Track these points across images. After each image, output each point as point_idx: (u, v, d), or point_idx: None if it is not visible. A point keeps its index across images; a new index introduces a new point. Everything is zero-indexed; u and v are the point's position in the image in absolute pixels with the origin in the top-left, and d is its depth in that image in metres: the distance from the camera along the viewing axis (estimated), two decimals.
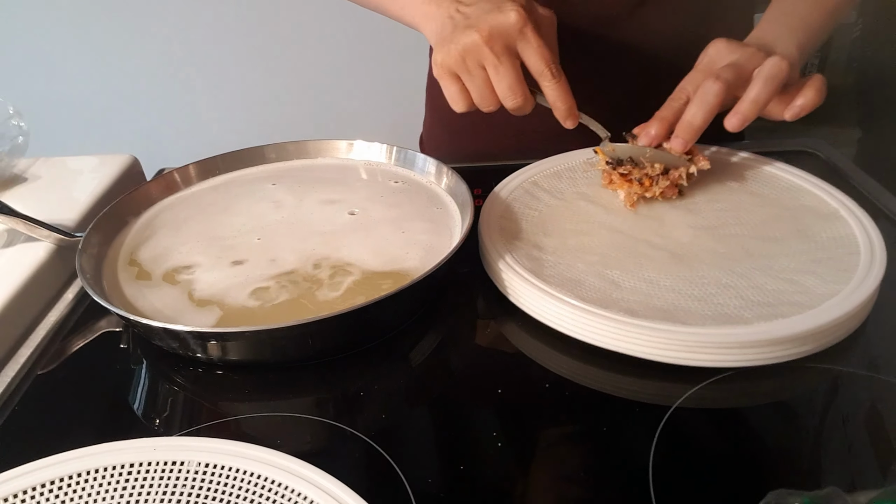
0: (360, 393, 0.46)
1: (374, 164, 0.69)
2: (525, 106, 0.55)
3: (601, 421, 0.43)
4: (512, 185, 0.63)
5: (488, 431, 0.43)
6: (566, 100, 0.55)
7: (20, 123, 0.71)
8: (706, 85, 0.54)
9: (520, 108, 0.55)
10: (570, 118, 0.57)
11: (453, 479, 0.39)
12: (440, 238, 0.56)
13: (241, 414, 0.45)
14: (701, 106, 0.54)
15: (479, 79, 0.54)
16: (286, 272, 0.53)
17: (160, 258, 0.56)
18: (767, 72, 0.53)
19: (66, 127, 1.55)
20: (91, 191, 0.67)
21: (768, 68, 0.53)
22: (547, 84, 0.55)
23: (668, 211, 0.59)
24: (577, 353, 0.48)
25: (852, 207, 0.56)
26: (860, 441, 0.41)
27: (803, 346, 0.45)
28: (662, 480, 0.38)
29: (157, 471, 0.36)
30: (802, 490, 0.34)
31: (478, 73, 0.54)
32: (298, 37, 1.54)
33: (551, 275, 0.51)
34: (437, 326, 0.52)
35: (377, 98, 1.60)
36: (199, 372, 0.48)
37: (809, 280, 0.49)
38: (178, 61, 1.55)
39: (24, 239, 0.58)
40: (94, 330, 0.53)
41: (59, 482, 0.36)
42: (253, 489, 0.35)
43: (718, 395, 0.44)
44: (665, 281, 0.50)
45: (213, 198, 0.65)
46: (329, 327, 0.46)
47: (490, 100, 0.55)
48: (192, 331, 0.45)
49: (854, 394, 0.45)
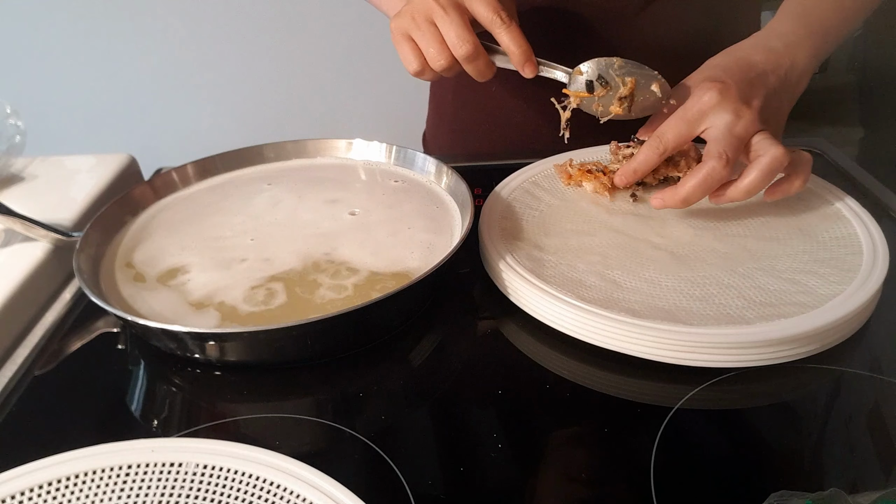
0: (359, 394, 0.46)
1: (373, 163, 0.69)
2: (478, 58, 0.55)
3: (602, 422, 0.42)
4: (513, 184, 0.63)
5: (489, 432, 0.42)
6: (520, 43, 0.55)
7: (17, 122, 0.71)
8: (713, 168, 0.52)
9: (473, 61, 0.55)
10: (527, 63, 0.55)
11: (453, 481, 0.39)
12: (440, 238, 0.56)
13: (240, 415, 0.45)
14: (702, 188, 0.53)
15: (428, 33, 0.54)
16: (285, 272, 0.52)
17: (158, 258, 0.55)
18: (767, 164, 0.52)
19: (64, 126, 1.55)
20: (89, 190, 0.67)
21: (769, 160, 0.52)
22: (499, 31, 0.54)
23: (669, 211, 0.58)
24: (578, 353, 0.47)
25: (854, 207, 0.56)
26: (863, 442, 0.41)
27: (805, 347, 0.45)
28: (664, 482, 0.38)
29: (154, 472, 0.36)
30: (805, 491, 0.34)
31: (427, 29, 0.54)
32: (298, 36, 1.53)
33: (552, 275, 0.51)
34: (437, 326, 0.52)
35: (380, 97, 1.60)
36: (198, 373, 0.48)
37: (812, 280, 0.49)
38: (176, 60, 1.54)
39: (21, 239, 0.58)
40: (91, 330, 0.53)
41: (56, 483, 0.36)
42: (252, 491, 0.35)
43: (720, 395, 0.44)
44: (666, 281, 0.50)
45: (212, 198, 0.64)
46: (328, 327, 0.45)
47: (441, 53, 0.54)
48: (191, 331, 0.45)
49: (857, 394, 0.44)
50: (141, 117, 1.60)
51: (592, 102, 0.58)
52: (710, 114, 0.54)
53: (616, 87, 0.57)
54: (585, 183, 0.61)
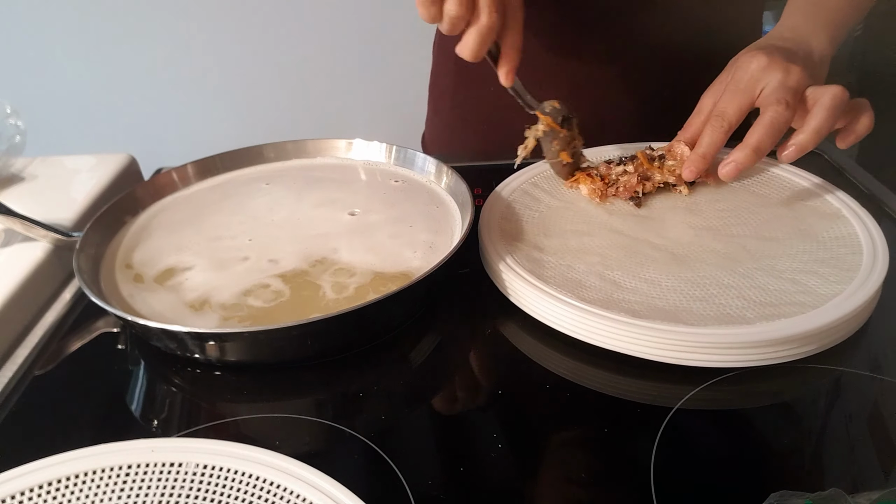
0: (359, 394, 0.46)
1: (373, 163, 0.69)
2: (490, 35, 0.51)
3: (602, 422, 0.42)
4: (513, 185, 0.63)
5: (489, 433, 0.42)
6: (517, 50, 0.53)
7: (17, 122, 0.71)
8: (777, 112, 0.51)
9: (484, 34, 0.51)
10: (510, 73, 0.54)
11: (453, 481, 0.39)
12: (440, 238, 0.56)
13: (240, 415, 0.45)
14: (770, 133, 0.52)
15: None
16: (286, 272, 0.52)
17: (159, 258, 0.55)
18: (830, 101, 0.51)
19: (64, 126, 1.55)
20: (88, 190, 0.67)
21: (830, 98, 0.51)
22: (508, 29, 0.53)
23: (669, 211, 0.59)
24: (578, 353, 0.47)
25: (854, 207, 0.56)
26: (863, 442, 0.41)
27: (805, 347, 0.45)
28: (664, 482, 0.38)
29: (154, 472, 0.36)
30: (805, 491, 0.34)
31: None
32: (299, 36, 1.53)
33: (552, 275, 0.51)
34: (437, 326, 0.52)
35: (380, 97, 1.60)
36: (198, 373, 0.48)
37: (812, 280, 0.49)
38: (176, 61, 1.54)
39: (21, 239, 0.58)
40: (91, 330, 0.53)
41: (56, 483, 0.36)
42: (251, 491, 0.35)
43: (720, 395, 0.44)
44: (667, 281, 0.50)
45: (212, 198, 0.64)
46: (328, 328, 0.45)
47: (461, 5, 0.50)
48: (191, 331, 0.45)
49: (857, 394, 0.44)
50: (141, 117, 1.60)
51: (555, 138, 0.59)
52: (762, 77, 0.53)
53: (574, 135, 0.60)
54: (582, 185, 0.61)
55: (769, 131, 0.51)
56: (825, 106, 0.51)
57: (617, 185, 0.60)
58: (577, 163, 0.62)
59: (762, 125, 0.51)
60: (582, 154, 0.63)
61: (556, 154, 0.60)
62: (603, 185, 0.60)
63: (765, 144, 0.52)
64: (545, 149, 0.61)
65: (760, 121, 0.52)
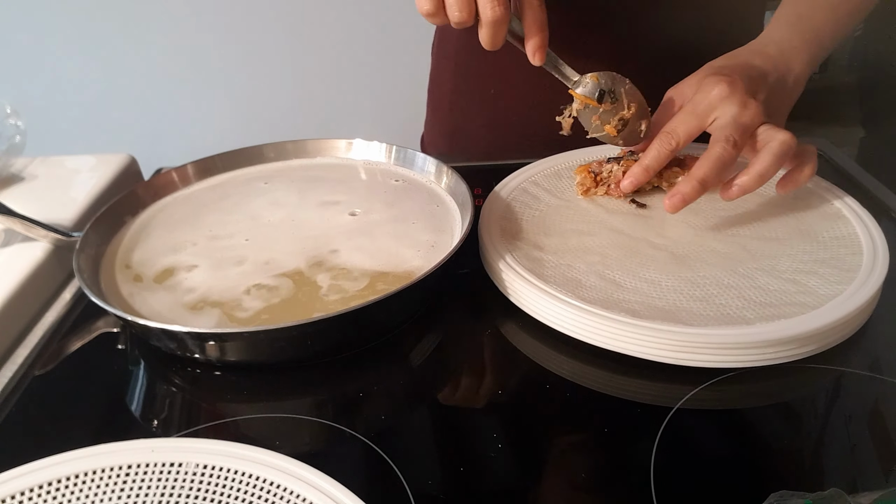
0: (359, 394, 0.46)
1: (373, 163, 0.69)
2: (503, 26, 0.50)
3: (602, 422, 0.42)
4: (512, 184, 0.63)
5: (488, 433, 0.42)
6: (543, 27, 0.52)
7: (17, 122, 0.71)
8: (723, 149, 0.52)
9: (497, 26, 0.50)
10: (539, 50, 0.53)
11: (453, 481, 0.39)
12: (440, 238, 0.56)
13: (240, 415, 0.45)
14: (715, 169, 0.52)
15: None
16: (286, 272, 0.52)
17: (159, 258, 0.55)
18: (777, 147, 0.51)
19: (64, 126, 1.55)
20: (88, 190, 0.67)
21: (778, 144, 0.51)
22: (528, 8, 0.51)
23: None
24: (577, 353, 0.47)
25: (855, 207, 0.56)
26: (863, 442, 0.41)
27: (806, 347, 0.45)
28: (664, 482, 0.38)
29: (154, 472, 0.36)
30: (805, 491, 0.34)
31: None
32: (299, 36, 1.53)
33: (552, 275, 0.51)
34: (437, 326, 0.52)
35: (380, 97, 1.60)
36: (198, 373, 0.48)
37: (812, 280, 0.49)
38: (176, 60, 1.54)
39: (21, 239, 0.58)
40: (91, 330, 0.53)
41: (56, 483, 0.36)
42: (251, 491, 0.35)
43: (720, 395, 0.44)
44: (666, 281, 0.50)
45: (212, 197, 0.64)
46: (328, 328, 0.45)
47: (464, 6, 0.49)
48: (191, 331, 0.45)
49: (857, 395, 0.44)
50: (141, 117, 1.60)
51: (594, 114, 0.58)
52: (719, 106, 0.54)
53: (620, 107, 0.58)
54: (576, 174, 0.61)
55: (714, 166, 0.52)
56: (772, 152, 0.51)
57: (608, 181, 0.60)
58: (634, 133, 0.58)
59: (708, 160, 0.52)
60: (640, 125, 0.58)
61: (599, 129, 0.58)
62: (592, 181, 0.60)
63: (710, 179, 0.52)
64: (585, 125, 0.59)
65: (707, 154, 0.52)
